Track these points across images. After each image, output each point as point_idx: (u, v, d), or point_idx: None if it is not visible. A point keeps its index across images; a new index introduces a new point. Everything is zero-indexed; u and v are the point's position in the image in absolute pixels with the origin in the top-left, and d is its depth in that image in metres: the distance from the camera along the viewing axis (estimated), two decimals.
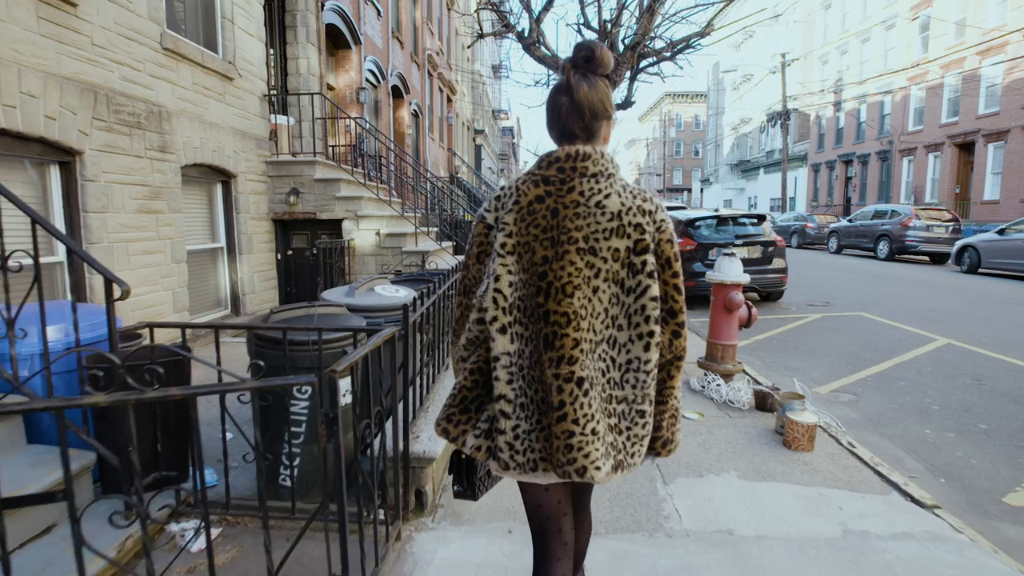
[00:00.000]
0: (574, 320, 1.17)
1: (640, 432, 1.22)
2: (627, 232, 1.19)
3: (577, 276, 1.19)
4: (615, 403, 1.22)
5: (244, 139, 6.12)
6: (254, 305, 6.29)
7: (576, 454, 1.16)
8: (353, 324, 2.42)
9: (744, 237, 7.95)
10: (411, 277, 3.95)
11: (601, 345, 1.21)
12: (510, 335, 1.21)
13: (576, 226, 1.20)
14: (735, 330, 4.15)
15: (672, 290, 1.23)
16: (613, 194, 1.20)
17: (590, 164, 1.22)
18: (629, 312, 1.21)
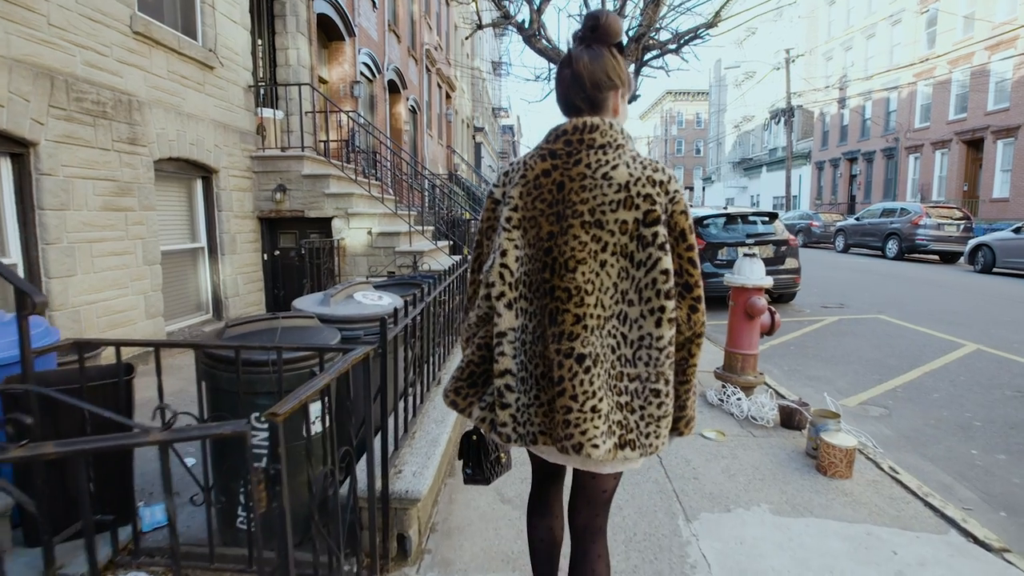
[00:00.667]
0: (576, 295, 1.15)
1: (655, 412, 1.17)
2: (636, 203, 1.14)
3: (582, 250, 1.16)
4: (627, 380, 1.17)
5: (227, 132, 5.75)
6: (238, 309, 5.93)
7: (573, 430, 1.15)
8: (321, 340, 2.05)
9: (756, 236, 7.58)
10: (400, 281, 3.58)
11: (611, 321, 1.17)
12: (515, 310, 1.21)
13: (582, 199, 1.16)
14: (756, 338, 3.78)
15: (687, 264, 1.17)
16: (621, 165, 1.15)
17: (597, 136, 1.17)
18: (640, 286, 1.15)
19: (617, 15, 1.30)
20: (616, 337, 1.18)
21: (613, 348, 1.18)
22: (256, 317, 2.12)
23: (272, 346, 1.77)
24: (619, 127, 1.21)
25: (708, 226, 7.78)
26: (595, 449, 1.14)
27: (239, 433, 1.11)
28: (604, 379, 1.16)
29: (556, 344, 1.16)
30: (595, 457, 1.15)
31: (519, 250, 1.22)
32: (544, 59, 10.08)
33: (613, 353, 1.17)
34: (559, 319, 1.16)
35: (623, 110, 1.27)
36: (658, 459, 2.95)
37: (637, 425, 1.18)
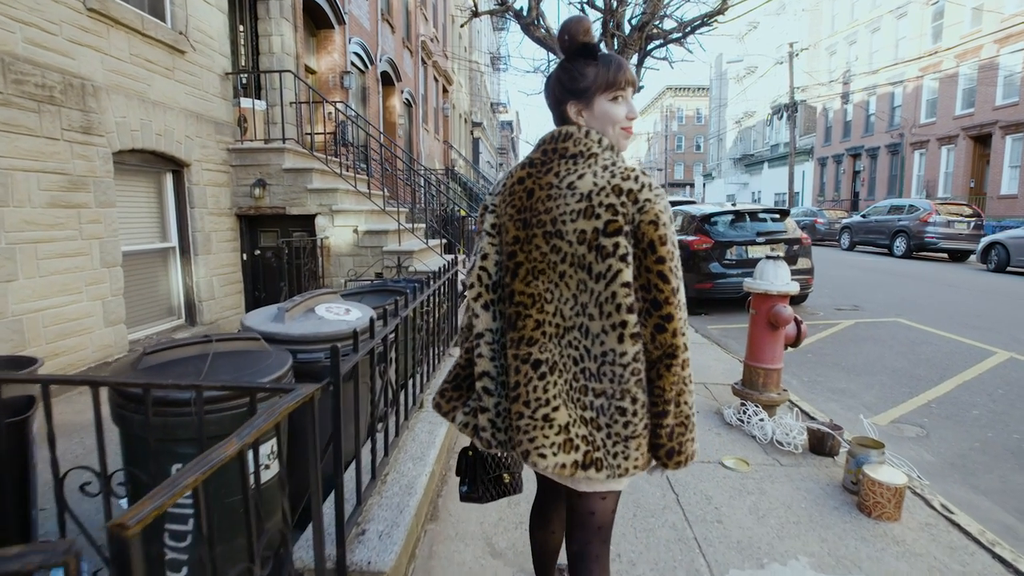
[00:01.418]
0: (538, 302, 1.16)
1: (621, 432, 1.12)
2: (596, 213, 1.10)
3: (542, 260, 1.16)
4: (592, 395, 1.15)
5: (200, 122, 5.32)
6: (214, 313, 5.51)
7: (522, 436, 1.15)
8: (265, 369, 1.64)
9: (766, 234, 7.17)
10: (379, 287, 3.16)
11: (572, 332, 1.16)
12: (493, 312, 1.24)
13: (546, 208, 1.16)
14: (780, 351, 3.38)
15: (656, 278, 1.10)
16: (588, 174, 1.14)
17: (570, 144, 1.18)
18: (600, 300, 1.11)
19: (580, 17, 1.20)
20: (579, 349, 1.15)
21: (576, 360, 1.15)
22: (183, 341, 1.71)
23: (187, 384, 1.36)
24: (596, 136, 1.17)
25: (716, 224, 7.38)
26: (541, 459, 1.13)
27: (57, 562, 0.69)
28: (563, 389, 1.15)
29: (515, 349, 1.17)
30: (540, 468, 1.14)
31: (498, 255, 1.23)
32: (543, 49, 9.65)
33: (576, 365, 1.15)
34: (519, 324, 1.16)
35: (600, 112, 1.19)
36: (675, 496, 2.55)
37: (604, 443, 1.13)
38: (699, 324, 6.59)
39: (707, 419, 3.50)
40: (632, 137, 1.29)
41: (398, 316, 2.08)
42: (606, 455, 1.13)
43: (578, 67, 1.20)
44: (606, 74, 1.18)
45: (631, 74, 1.21)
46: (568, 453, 1.13)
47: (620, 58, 1.22)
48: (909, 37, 23.96)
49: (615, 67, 1.19)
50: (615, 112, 1.19)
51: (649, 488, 2.61)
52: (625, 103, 1.21)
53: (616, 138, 1.21)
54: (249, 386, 1.38)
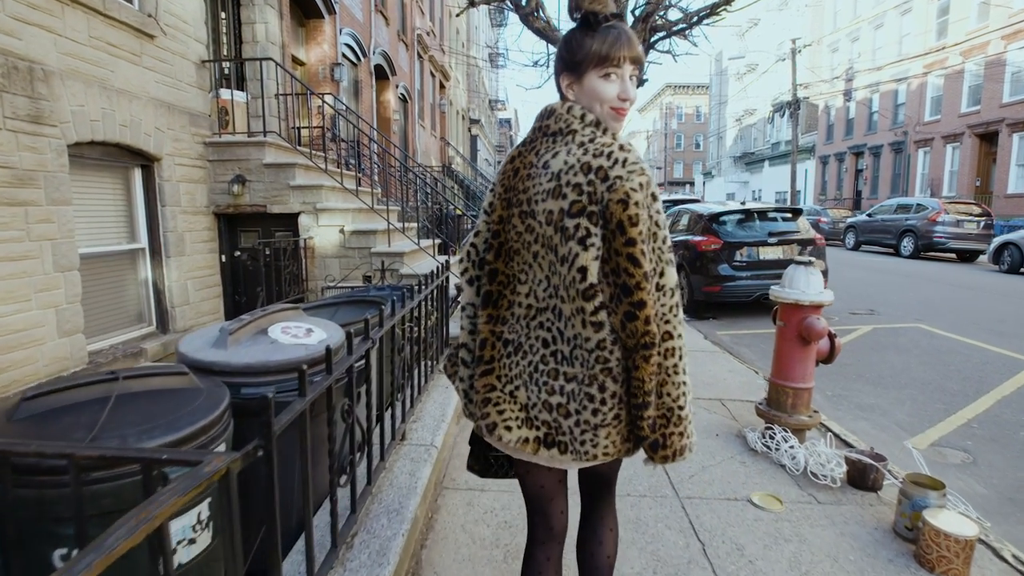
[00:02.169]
0: (511, 282, 1.17)
1: (591, 419, 1.07)
2: (563, 192, 1.06)
3: (517, 240, 1.16)
4: (563, 379, 1.11)
5: (171, 113, 4.92)
6: (188, 319, 5.11)
7: (490, 408, 1.16)
8: (187, 414, 1.25)
9: (778, 235, 6.80)
10: (356, 297, 2.76)
11: (545, 313, 1.14)
12: (476, 288, 1.24)
13: (524, 187, 1.15)
14: (811, 368, 3.00)
15: (625, 261, 1.02)
16: (562, 152, 1.10)
17: (552, 121, 1.14)
18: (565, 284, 1.08)
19: None
20: (551, 331, 1.13)
21: (546, 342, 1.13)
22: (80, 380, 1.32)
23: (54, 452, 0.98)
24: (579, 111, 1.12)
25: (724, 223, 7.00)
26: (507, 431, 1.14)
27: None
28: (525, 370, 1.15)
29: (492, 325, 1.18)
30: (504, 440, 1.14)
31: (488, 233, 1.22)
32: (543, 41, 9.25)
33: (546, 347, 1.13)
34: (498, 302, 1.18)
35: (589, 88, 1.11)
36: (700, 545, 2.17)
37: (571, 431, 1.10)
38: (708, 330, 6.22)
39: (728, 443, 3.12)
40: (624, 119, 1.15)
41: (370, 339, 1.69)
42: (572, 440, 1.10)
43: (577, 37, 1.12)
44: (600, 47, 1.09)
45: (633, 49, 1.10)
46: (530, 429, 1.13)
47: (624, 30, 1.10)
48: (913, 33, 23.60)
49: (612, 40, 1.08)
50: (604, 90, 1.10)
51: (670, 535, 2.23)
52: (619, 82, 1.10)
53: (605, 118, 1.11)
54: (145, 456, 0.99)
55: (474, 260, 1.26)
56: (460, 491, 2.50)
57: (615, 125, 1.13)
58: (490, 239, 1.20)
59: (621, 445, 1.10)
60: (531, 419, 1.13)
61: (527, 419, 1.13)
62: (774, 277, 6.69)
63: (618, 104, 1.11)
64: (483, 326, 1.18)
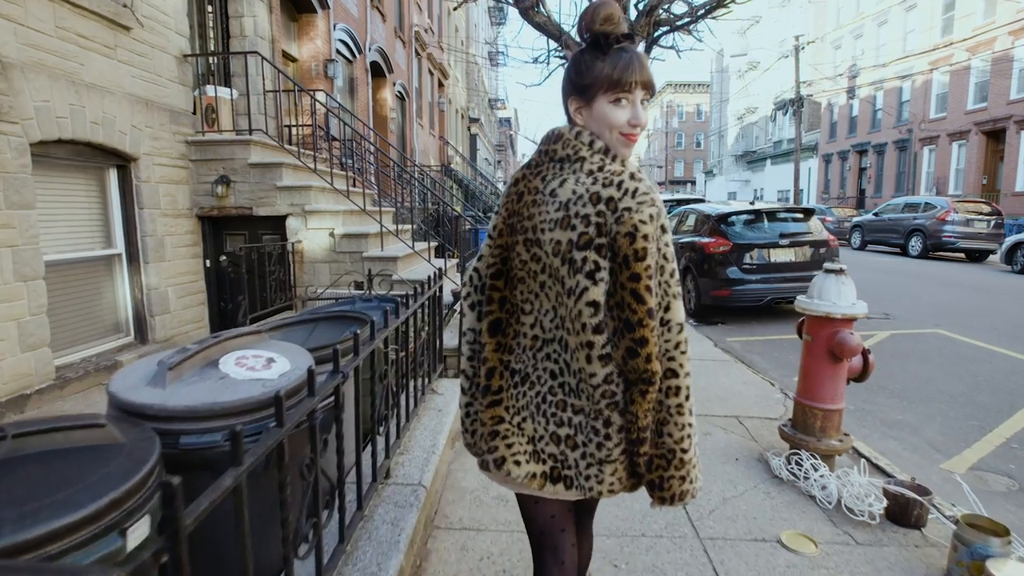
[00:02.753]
0: (516, 312, 1.14)
1: (596, 454, 1.05)
2: (572, 224, 1.03)
3: (522, 268, 1.13)
4: (571, 411, 1.08)
5: (150, 110, 4.63)
6: (169, 329, 4.83)
7: (499, 442, 1.13)
8: (96, 486, 0.97)
9: (790, 236, 6.51)
10: (335, 313, 2.47)
11: (552, 344, 1.10)
12: (478, 313, 1.21)
13: (529, 215, 1.11)
14: (842, 387, 2.72)
15: (629, 297, 0.99)
16: (570, 180, 1.06)
17: (559, 147, 1.10)
18: (572, 316, 1.04)
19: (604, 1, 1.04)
20: (559, 363, 1.09)
21: (554, 373, 1.10)
22: None
23: None
24: (587, 137, 1.08)
25: (733, 224, 6.72)
26: (516, 467, 1.11)
27: None
28: (532, 401, 1.12)
29: (500, 354, 1.14)
30: (513, 475, 1.11)
31: (492, 258, 1.18)
32: (543, 35, 8.96)
33: (553, 379, 1.10)
34: (507, 330, 1.15)
35: (599, 114, 1.07)
36: None
37: (576, 464, 1.08)
38: (718, 336, 5.93)
39: (750, 470, 2.84)
40: (635, 145, 1.11)
41: (340, 373, 1.41)
42: (577, 475, 1.08)
43: (587, 60, 1.08)
44: (611, 72, 1.05)
45: (645, 75, 1.06)
46: (537, 464, 1.11)
47: (636, 55, 1.06)
48: (918, 30, 23.31)
49: (623, 65, 1.05)
50: (615, 116, 1.07)
51: None
52: (630, 107, 1.07)
53: (614, 144, 1.08)
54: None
55: (477, 285, 1.22)
56: (453, 531, 2.22)
57: (625, 151, 1.09)
58: (498, 265, 1.16)
59: (627, 481, 1.08)
60: (538, 452, 1.11)
61: (534, 452, 1.11)
62: (786, 280, 6.42)
63: (628, 130, 1.07)
64: (491, 354, 1.14)
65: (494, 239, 1.18)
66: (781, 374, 4.72)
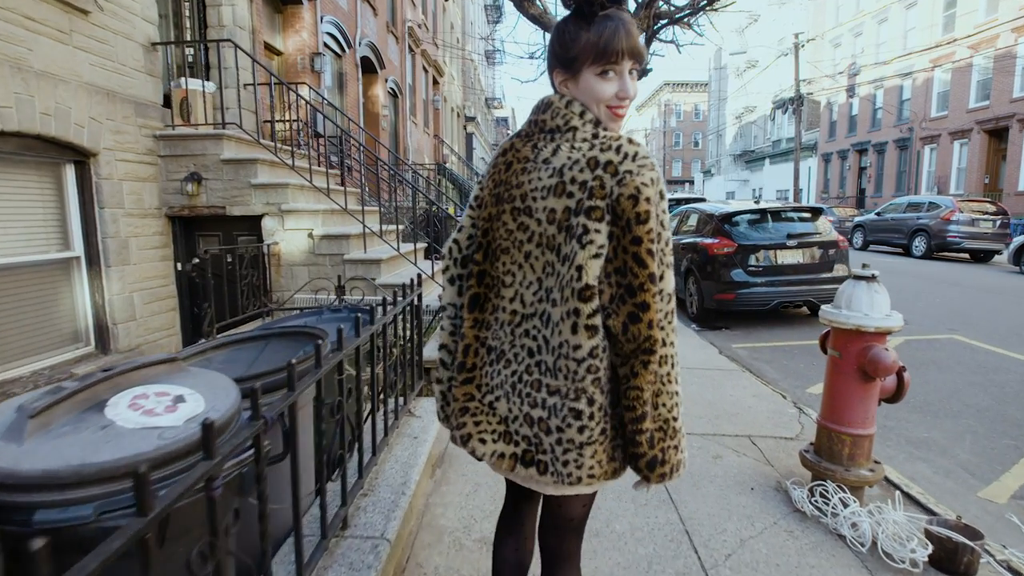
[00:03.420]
0: (496, 285, 1.10)
1: (576, 437, 0.99)
2: (568, 190, 0.99)
3: (507, 238, 1.08)
4: (545, 392, 1.03)
5: (112, 102, 4.29)
6: (135, 337, 4.49)
7: (467, 418, 1.11)
8: None
9: (798, 236, 6.19)
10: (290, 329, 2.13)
11: (532, 320, 1.05)
12: (459, 287, 1.19)
13: (518, 183, 1.06)
14: (874, 409, 2.39)
15: (632, 261, 0.96)
16: (564, 147, 1.02)
17: (548, 116, 1.06)
18: (563, 284, 1.00)
19: None
20: (537, 340, 1.04)
21: (531, 351, 1.05)
22: None
23: None
24: (579, 107, 1.03)
25: (738, 224, 6.40)
26: (481, 444, 1.09)
27: None
28: (508, 379, 1.07)
29: (476, 330, 1.11)
30: (479, 454, 1.09)
31: (474, 229, 1.16)
32: (539, 29, 8.63)
33: (531, 357, 1.05)
34: (485, 305, 1.11)
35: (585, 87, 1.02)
36: None
37: (552, 449, 1.02)
38: (722, 343, 5.61)
39: (767, 502, 2.51)
40: (623, 118, 1.05)
41: (260, 419, 1.08)
42: (553, 460, 1.02)
43: (571, 29, 1.02)
44: (596, 42, 0.98)
45: (632, 43, 0.98)
46: (507, 444, 1.07)
47: (624, 21, 0.98)
48: (919, 28, 23.06)
49: (609, 33, 0.98)
50: (602, 89, 1.01)
51: None
52: (618, 79, 1.01)
53: (603, 118, 1.03)
54: None
55: (456, 258, 1.18)
56: None
57: (613, 125, 1.04)
58: (479, 237, 1.12)
59: (607, 465, 1.02)
60: (510, 432, 1.07)
61: (506, 432, 1.08)
62: (793, 284, 6.11)
63: (616, 103, 1.02)
64: (468, 330, 1.11)
65: (476, 210, 1.14)
66: (792, 385, 4.40)
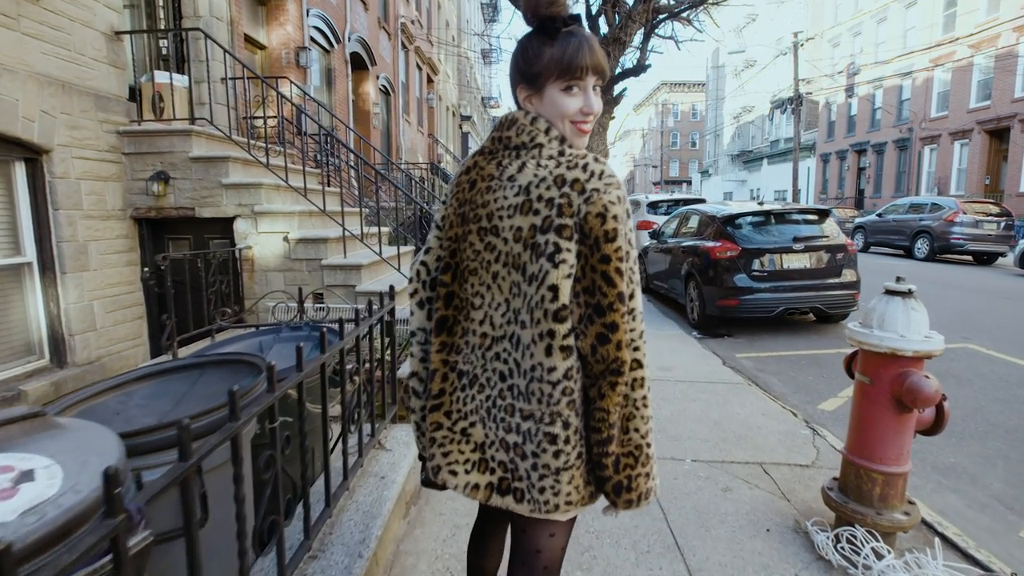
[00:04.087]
0: (465, 307, 1.07)
1: (551, 463, 0.97)
2: (534, 208, 0.97)
3: (475, 259, 1.05)
4: (519, 416, 1.00)
5: (68, 94, 3.96)
6: (95, 349, 4.16)
7: (435, 449, 1.06)
8: None
9: (804, 240, 5.90)
10: (227, 357, 1.80)
11: (502, 343, 1.03)
12: (428, 311, 1.16)
13: (483, 202, 1.04)
14: (909, 444, 2.09)
15: (600, 280, 0.95)
16: (530, 165, 1.00)
17: (513, 133, 1.04)
18: (531, 305, 0.97)
19: None
20: (508, 363, 1.02)
21: (503, 375, 1.02)
22: None
23: None
24: (544, 124, 1.02)
25: (741, 226, 6.11)
26: (452, 476, 1.05)
27: None
28: (483, 404, 1.04)
29: (444, 355, 1.08)
30: (451, 486, 1.05)
31: (441, 251, 1.12)
32: None
33: (503, 381, 1.02)
34: (453, 329, 1.08)
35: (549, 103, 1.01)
36: None
37: (528, 475, 0.99)
38: (726, 352, 5.32)
39: (786, 546, 2.20)
40: (588, 134, 1.04)
41: (124, 514, 0.76)
42: (529, 488, 1.00)
43: (534, 46, 1.01)
44: (560, 58, 0.98)
45: (596, 59, 0.99)
46: (482, 474, 1.04)
47: (587, 38, 0.99)
48: (918, 27, 22.85)
49: (573, 50, 0.98)
50: (566, 105, 1.00)
51: None
52: (582, 95, 1.01)
53: (567, 134, 1.02)
54: None
55: (425, 280, 1.15)
56: None
57: (578, 141, 1.03)
58: (446, 258, 1.09)
59: (584, 490, 1.00)
60: (486, 460, 1.04)
61: (481, 460, 1.04)
62: (800, 289, 5.81)
63: (580, 119, 1.01)
64: (435, 355, 1.07)
65: (443, 230, 1.12)
66: (802, 400, 4.10)
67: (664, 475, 2.75)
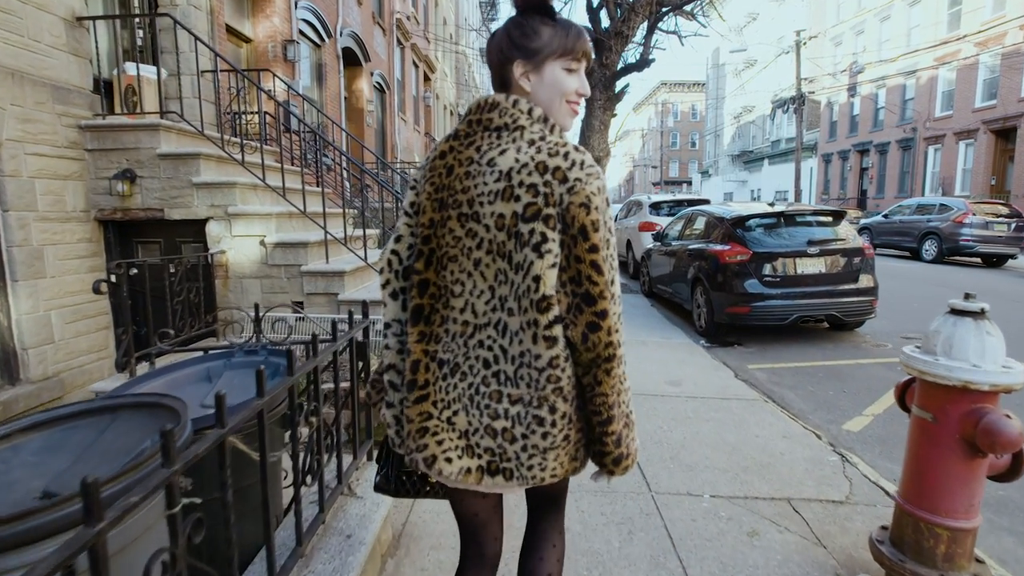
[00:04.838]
0: (444, 295, 1.05)
1: (540, 443, 0.99)
2: (516, 194, 0.96)
3: (455, 246, 1.03)
4: (507, 402, 1.00)
5: (19, 84, 3.60)
6: (53, 363, 3.80)
7: (428, 439, 1.04)
8: None
9: (819, 243, 5.56)
10: (144, 401, 1.45)
11: (486, 330, 1.02)
12: (402, 302, 1.13)
13: (463, 187, 1.02)
14: (980, 494, 1.75)
15: (589, 268, 0.96)
16: (511, 149, 0.98)
17: (495, 115, 1.02)
18: (518, 294, 0.97)
19: None
20: (493, 350, 1.01)
21: (487, 362, 1.02)
22: None
23: None
24: (526, 105, 1.02)
25: (752, 229, 5.77)
26: (447, 464, 1.03)
27: None
28: (465, 392, 1.03)
29: (424, 345, 1.05)
30: (446, 474, 1.03)
31: (413, 238, 1.10)
32: None
33: (487, 368, 1.02)
34: (431, 318, 1.05)
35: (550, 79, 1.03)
36: None
37: (517, 456, 1.01)
38: (736, 362, 4.98)
39: None
40: (576, 116, 1.10)
41: None
42: (518, 466, 1.01)
43: (533, 24, 1.03)
44: (564, 38, 1.03)
45: (589, 47, 1.06)
46: (472, 458, 1.03)
47: (581, 27, 1.05)
48: (923, 25, 22.54)
49: (575, 33, 1.04)
50: (566, 83, 1.04)
51: None
52: (578, 76, 1.06)
53: (562, 114, 1.05)
54: None
55: (397, 270, 1.12)
56: None
57: (568, 122, 1.07)
58: (419, 245, 1.06)
59: (569, 465, 1.03)
60: (472, 446, 1.03)
61: (467, 447, 1.03)
62: (815, 296, 5.47)
63: (575, 99, 1.06)
64: (414, 345, 1.05)
65: (414, 217, 1.09)
66: (825, 419, 3.76)
67: (681, 515, 2.41)
